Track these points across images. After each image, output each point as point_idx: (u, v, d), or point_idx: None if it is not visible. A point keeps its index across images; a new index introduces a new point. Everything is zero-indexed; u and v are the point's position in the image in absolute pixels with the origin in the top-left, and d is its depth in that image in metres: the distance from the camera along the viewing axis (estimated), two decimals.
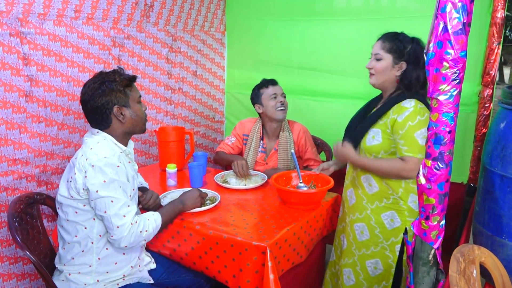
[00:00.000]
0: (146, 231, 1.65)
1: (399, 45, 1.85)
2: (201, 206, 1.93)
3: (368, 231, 1.95)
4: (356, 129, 1.96)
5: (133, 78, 1.75)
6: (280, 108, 2.54)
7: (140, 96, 1.80)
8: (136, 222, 1.63)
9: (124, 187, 1.64)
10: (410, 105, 1.79)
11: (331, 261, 2.20)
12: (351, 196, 2.03)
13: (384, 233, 1.91)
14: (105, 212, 1.58)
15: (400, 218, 1.87)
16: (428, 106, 1.77)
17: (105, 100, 1.66)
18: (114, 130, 1.72)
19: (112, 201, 1.58)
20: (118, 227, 1.58)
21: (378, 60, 1.88)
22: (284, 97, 2.60)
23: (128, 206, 1.62)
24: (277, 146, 2.61)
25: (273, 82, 2.61)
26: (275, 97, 2.55)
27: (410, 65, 1.84)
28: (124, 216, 1.59)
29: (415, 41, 1.87)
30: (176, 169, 2.35)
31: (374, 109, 2.00)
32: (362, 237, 1.98)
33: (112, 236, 1.61)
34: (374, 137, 1.87)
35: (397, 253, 1.89)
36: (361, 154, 1.93)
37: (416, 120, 1.76)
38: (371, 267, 1.96)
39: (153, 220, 1.69)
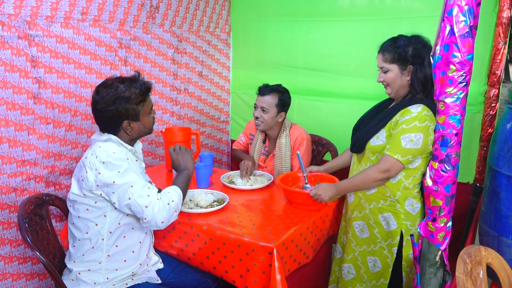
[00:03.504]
0: (173, 201, 1.67)
1: (400, 51, 1.82)
2: (190, 153, 1.90)
3: (367, 229, 1.98)
4: (365, 129, 1.95)
5: (148, 90, 1.76)
6: (255, 120, 2.54)
7: (152, 106, 1.83)
8: (160, 198, 1.65)
9: (138, 174, 1.67)
10: (415, 110, 1.77)
11: (337, 258, 2.22)
12: (350, 193, 2.06)
13: (382, 233, 1.93)
14: (129, 198, 1.60)
15: (396, 221, 1.88)
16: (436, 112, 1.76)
17: (117, 113, 1.68)
18: (121, 137, 1.77)
19: (131, 186, 1.61)
20: (146, 206, 1.60)
21: (385, 72, 1.87)
22: (265, 111, 2.48)
23: (149, 187, 1.65)
24: (275, 151, 2.60)
25: (262, 92, 2.51)
26: (255, 108, 2.53)
27: (416, 66, 1.81)
28: (148, 195, 1.62)
29: (414, 40, 1.83)
30: None
31: (385, 110, 2.00)
32: (363, 234, 2.00)
33: (145, 218, 1.61)
34: (378, 137, 1.88)
35: (394, 255, 1.90)
36: (366, 153, 1.94)
37: (412, 124, 1.75)
38: (371, 263, 1.99)
39: (173, 191, 1.71)
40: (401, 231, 1.87)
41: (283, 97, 2.50)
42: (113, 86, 1.69)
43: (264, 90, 2.51)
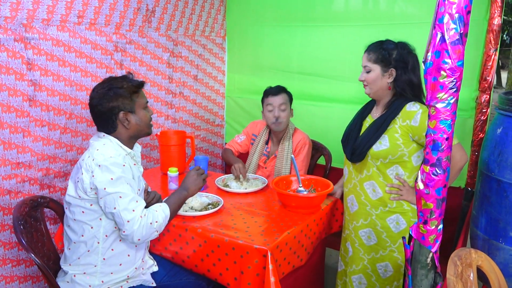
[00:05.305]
0: (156, 222, 1.67)
1: (384, 53, 1.87)
2: (204, 183, 1.91)
3: (375, 236, 1.97)
4: (365, 137, 1.93)
5: (140, 85, 1.79)
6: (273, 122, 2.56)
7: (147, 102, 1.83)
8: (145, 215, 1.66)
9: (131, 184, 1.68)
10: (416, 108, 1.82)
11: (340, 271, 2.20)
12: (352, 203, 2.04)
13: (391, 236, 1.93)
14: (115, 208, 1.61)
15: (405, 219, 1.90)
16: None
17: (111, 105, 1.70)
18: (120, 134, 1.76)
19: (120, 197, 1.61)
20: (128, 221, 1.61)
21: (368, 72, 1.92)
22: (283, 109, 2.53)
23: (137, 201, 1.65)
24: (277, 153, 2.63)
25: (273, 92, 2.55)
26: (271, 110, 2.55)
27: (399, 71, 1.86)
28: (133, 210, 1.63)
29: (400, 46, 1.89)
30: (178, 172, 2.37)
31: (369, 116, 2.01)
32: (370, 241, 1.99)
33: (124, 231, 1.63)
34: (381, 143, 1.87)
35: None
36: (368, 160, 1.93)
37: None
38: (381, 270, 1.98)
39: (161, 211, 1.72)
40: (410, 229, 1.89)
41: (289, 94, 2.61)
42: (106, 81, 1.75)
43: (274, 90, 2.57)
